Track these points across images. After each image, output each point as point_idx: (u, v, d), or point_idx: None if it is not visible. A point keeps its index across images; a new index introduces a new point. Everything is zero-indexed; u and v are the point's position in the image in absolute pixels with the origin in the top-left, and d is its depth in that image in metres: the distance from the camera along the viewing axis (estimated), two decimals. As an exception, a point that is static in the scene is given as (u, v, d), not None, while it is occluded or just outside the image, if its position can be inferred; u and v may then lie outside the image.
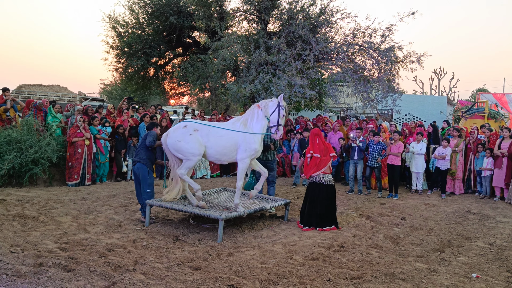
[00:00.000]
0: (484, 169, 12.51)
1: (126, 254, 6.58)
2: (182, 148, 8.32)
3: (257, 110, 8.62)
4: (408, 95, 28.46)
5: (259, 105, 8.70)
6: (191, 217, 8.87)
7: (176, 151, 8.46)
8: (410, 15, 14.94)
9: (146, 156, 8.82)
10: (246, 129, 8.48)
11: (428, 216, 10.08)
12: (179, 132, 8.41)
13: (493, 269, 6.52)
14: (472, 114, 18.81)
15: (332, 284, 5.61)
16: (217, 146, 8.39)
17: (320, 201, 8.73)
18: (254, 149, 8.48)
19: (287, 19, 15.49)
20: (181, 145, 8.32)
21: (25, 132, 11.90)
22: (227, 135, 8.44)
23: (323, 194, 8.78)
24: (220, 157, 8.57)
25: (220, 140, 8.39)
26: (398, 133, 13.00)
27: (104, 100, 28.05)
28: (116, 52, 19.00)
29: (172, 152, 8.52)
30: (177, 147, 8.38)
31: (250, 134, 8.43)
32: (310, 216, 8.72)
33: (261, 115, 8.58)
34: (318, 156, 8.97)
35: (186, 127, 8.43)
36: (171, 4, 17.74)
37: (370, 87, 15.41)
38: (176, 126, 8.69)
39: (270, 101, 8.73)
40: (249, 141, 8.42)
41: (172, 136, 8.45)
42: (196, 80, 17.21)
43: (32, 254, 6.10)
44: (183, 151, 8.33)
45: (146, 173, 8.76)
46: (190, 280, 5.50)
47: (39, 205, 9.44)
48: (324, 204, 8.72)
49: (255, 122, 8.55)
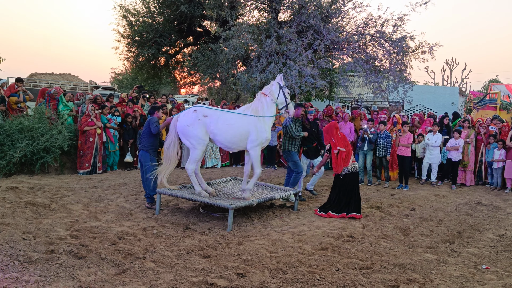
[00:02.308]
0: (496, 160, 12.44)
1: (137, 242, 6.63)
2: (190, 134, 8.23)
3: (265, 98, 8.61)
4: (420, 86, 28.27)
5: (264, 92, 8.69)
6: (201, 206, 8.89)
7: (184, 136, 8.36)
8: (422, 4, 14.84)
9: (149, 143, 8.87)
10: (259, 118, 8.47)
11: (438, 207, 10.05)
12: (189, 117, 8.31)
13: (503, 260, 6.49)
14: (484, 105, 18.70)
15: (341, 274, 5.62)
16: (226, 134, 8.32)
17: (356, 188, 9.11)
18: (265, 138, 8.53)
19: (298, 8, 15.42)
20: (189, 130, 8.22)
21: (37, 121, 11.95)
22: (237, 123, 8.36)
23: (358, 181, 9.27)
24: (229, 145, 8.51)
25: (230, 128, 8.31)
26: (407, 123, 12.93)
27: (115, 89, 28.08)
28: (127, 41, 19.05)
29: (181, 137, 8.44)
30: (185, 132, 8.28)
31: (262, 123, 8.43)
32: (348, 204, 8.96)
33: (270, 102, 8.61)
34: (343, 150, 9.02)
35: (196, 112, 8.33)
36: (182, -7, 17.70)
37: (382, 77, 15.35)
38: (187, 110, 8.66)
39: (272, 85, 8.77)
40: (261, 130, 8.40)
41: (182, 120, 8.35)
42: (206, 69, 17.21)
43: (43, 241, 6.16)
44: (190, 136, 8.25)
45: (149, 160, 8.80)
46: (200, 269, 5.53)
47: (51, 193, 9.51)
48: (357, 191, 9.13)
49: (266, 110, 8.54)
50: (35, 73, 33.02)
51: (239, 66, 17.23)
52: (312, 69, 14.25)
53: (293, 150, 10.15)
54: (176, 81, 23.59)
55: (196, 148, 8.31)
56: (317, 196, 10.78)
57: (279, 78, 8.77)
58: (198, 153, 8.37)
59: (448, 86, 40.77)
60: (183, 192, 8.64)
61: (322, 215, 8.87)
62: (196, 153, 8.35)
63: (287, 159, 10.27)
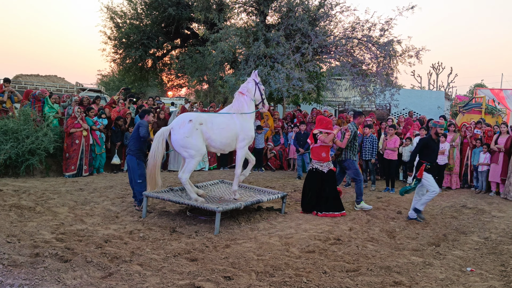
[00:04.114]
0: (481, 164, 12.54)
1: (123, 245, 6.59)
2: (189, 144, 8.11)
3: (243, 97, 8.80)
4: (406, 90, 28.46)
5: (241, 92, 8.87)
6: (188, 209, 8.87)
7: (182, 148, 8.20)
8: (409, 9, 14.97)
9: (136, 147, 8.84)
10: (243, 118, 8.69)
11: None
12: (187, 128, 8.14)
13: (487, 263, 6.55)
14: (470, 109, 18.84)
15: (328, 277, 5.63)
16: (221, 137, 8.44)
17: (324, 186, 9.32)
18: (251, 136, 8.82)
19: (286, 11, 15.47)
20: (189, 141, 8.09)
21: (22, 122, 11.84)
22: (228, 125, 8.50)
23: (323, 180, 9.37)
24: (224, 148, 8.69)
25: (223, 131, 8.44)
26: (393, 127, 12.98)
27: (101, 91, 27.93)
28: (114, 43, 18.98)
29: (177, 148, 8.31)
30: (184, 144, 8.12)
31: (246, 122, 8.67)
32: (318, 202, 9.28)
33: (249, 100, 8.83)
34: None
35: (192, 122, 8.19)
36: (170, -5, 17.69)
37: (368, 81, 15.44)
38: (181, 121, 8.35)
39: (248, 83, 8.98)
40: (247, 129, 8.67)
41: (180, 132, 8.15)
42: (194, 72, 17.20)
43: (28, 245, 6.10)
44: (190, 147, 8.12)
45: (136, 164, 8.79)
46: (187, 272, 5.51)
47: (36, 196, 9.43)
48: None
49: (246, 108, 8.79)
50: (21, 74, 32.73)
51: (226, 69, 17.24)
52: (300, 72, 14.31)
53: (354, 158, 10.02)
54: (163, 83, 23.57)
55: (194, 158, 8.24)
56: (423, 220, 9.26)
57: (254, 75, 8.99)
58: (195, 163, 8.33)
59: (434, 90, 41.04)
60: (170, 195, 8.61)
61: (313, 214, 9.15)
62: (193, 163, 8.28)
63: (348, 167, 10.05)
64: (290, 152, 15.51)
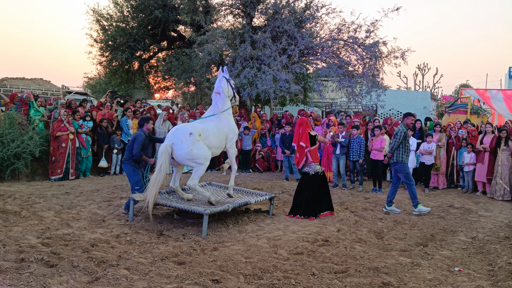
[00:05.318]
0: (467, 164, 12.63)
1: (110, 249, 6.54)
2: (196, 155, 8.11)
3: (220, 97, 8.97)
4: (392, 90, 28.60)
5: (218, 92, 9.02)
6: (175, 212, 8.83)
7: (190, 160, 8.20)
8: (394, 10, 15.03)
9: (130, 156, 8.80)
10: (226, 117, 8.97)
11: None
12: (189, 141, 8.07)
13: (475, 262, 6.60)
14: (455, 109, 18.99)
15: (316, 278, 5.63)
16: (216, 141, 8.61)
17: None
18: (237, 132, 9.26)
19: (272, 13, 15.48)
20: (195, 153, 8.09)
21: (7, 126, 11.74)
22: (219, 129, 8.68)
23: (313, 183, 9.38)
24: (218, 151, 8.87)
25: (217, 136, 8.62)
26: (380, 127, 13.02)
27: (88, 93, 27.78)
28: (100, 46, 18.86)
29: (183, 162, 8.31)
30: (191, 157, 8.10)
31: (229, 120, 9.01)
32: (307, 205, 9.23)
33: (225, 98, 9.05)
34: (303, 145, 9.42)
35: (192, 134, 8.12)
36: (156, -3, 17.62)
37: (355, 82, 15.48)
38: (181, 135, 8.18)
39: (221, 82, 9.13)
40: (232, 127, 9.06)
41: (183, 148, 8.05)
42: (181, 74, 17.13)
43: (14, 250, 6.03)
44: (197, 158, 8.14)
45: (131, 171, 8.76)
46: (174, 275, 5.48)
47: (21, 200, 9.34)
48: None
49: (226, 106, 9.02)
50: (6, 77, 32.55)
51: (213, 71, 17.18)
52: (287, 74, 14.31)
53: (406, 161, 9.92)
54: (150, 86, 23.45)
55: (202, 165, 8.26)
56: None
57: (225, 72, 9.24)
58: (204, 169, 8.34)
59: (420, 91, 41.31)
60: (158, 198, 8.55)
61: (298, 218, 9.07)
62: (202, 169, 8.29)
63: (399, 170, 9.93)
64: (277, 154, 15.51)
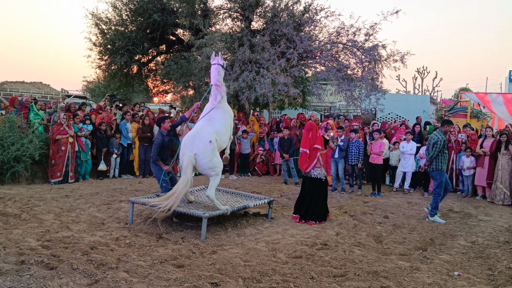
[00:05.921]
0: (466, 168, 12.62)
1: (109, 252, 6.54)
2: (215, 164, 8.08)
3: (221, 88, 8.74)
4: (392, 94, 28.68)
5: (217, 84, 8.69)
6: (174, 215, 8.83)
7: (210, 169, 8.11)
8: (394, 13, 15.02)
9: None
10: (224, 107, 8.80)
11: (411, 214, 10.16)
12: (210, 150, 8.01)
13: (474, 267, 6.59)
14: (455, 113, 19.04)
15: (315, 282, 5.63)
16: (226, 136, 8.61)
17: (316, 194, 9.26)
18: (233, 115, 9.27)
19: (271, 17, 15.49)
20: (215, 162, 8.07)
21: (7, 129, 11.77)
22: (224, 121, 8.58)
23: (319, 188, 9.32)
24: (225, 145, 8.80)
25: (226, 131, 8.60)
26: (378, 131, 13.03)
27: (87, 97, 27.84)
28: (99, 49, 18.88)
29: (205, 172, 8.22)
30: (211, 165, 8.05)
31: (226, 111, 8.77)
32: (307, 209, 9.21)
33: (224, 88, 8.89)
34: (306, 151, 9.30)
35: (211, 143, 8.04)
36: (155, 1, 17.69)
37: (354, 85, 15.48)
38: (202, 145, 8.04)
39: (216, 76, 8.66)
40: (231, 112, 9.04)
41: (206, 156, 7.97)
42: (179, 77, 17.16)
43: (14, 252, 6.03)
44: (216, 167, 8.11)
45: (157, 170, 9.04)
46: (173, 278, 5.48)
47: (21, 203, 9.34)
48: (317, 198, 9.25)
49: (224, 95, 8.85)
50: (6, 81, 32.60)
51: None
52: (285, 77, 14.32)
53: (443, 169, 9.71)
54: (149, 89, 23.49)
55: (219, 175, 8.25)
56: None
57: (220, 58, 8.77)
58: (219, 178, 8.33)
59: (419, 94, 41.40)
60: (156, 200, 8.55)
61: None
62: (218, 179, 8.27)
63: (435, 178, 9.73)
64: (275, 158, 15.52)
